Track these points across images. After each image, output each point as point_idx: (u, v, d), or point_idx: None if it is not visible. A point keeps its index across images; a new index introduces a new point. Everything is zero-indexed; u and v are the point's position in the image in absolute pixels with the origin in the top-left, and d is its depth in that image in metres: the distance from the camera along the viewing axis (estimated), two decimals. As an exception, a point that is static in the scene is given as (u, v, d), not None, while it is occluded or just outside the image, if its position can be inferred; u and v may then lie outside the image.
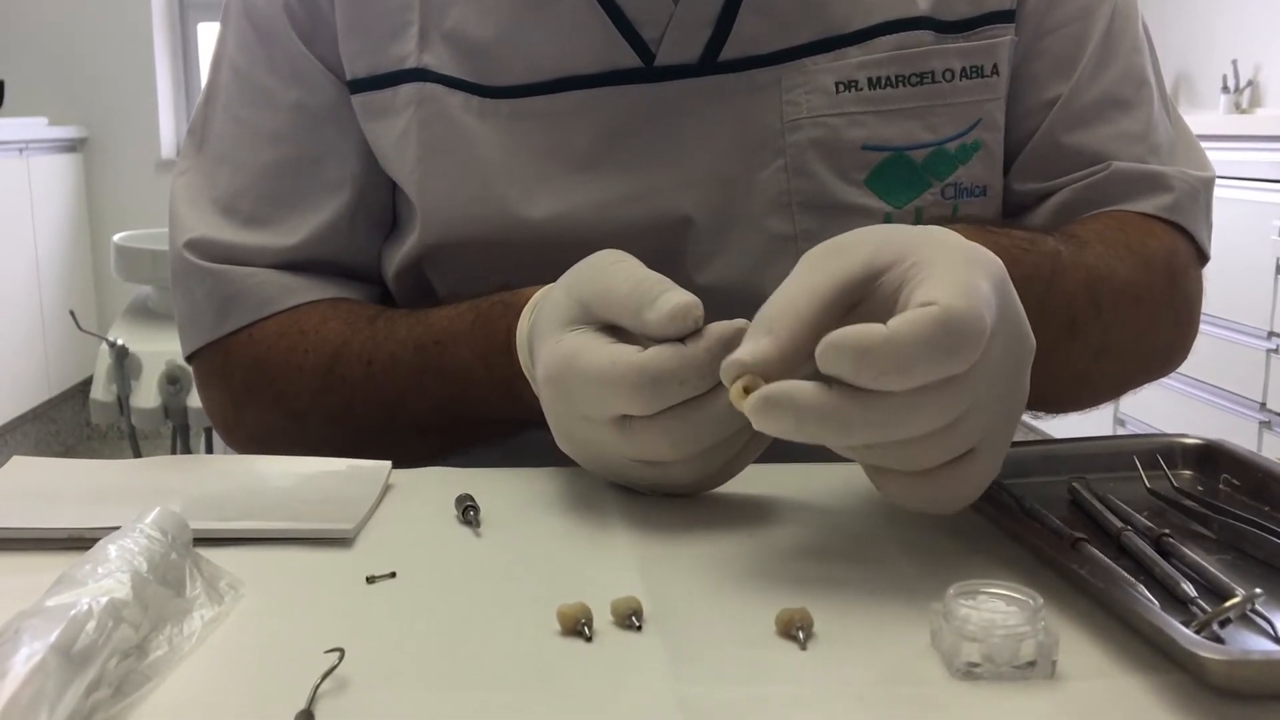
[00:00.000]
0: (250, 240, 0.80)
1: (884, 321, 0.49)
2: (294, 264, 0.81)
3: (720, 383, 0.54)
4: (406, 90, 0.78)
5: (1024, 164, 0.83)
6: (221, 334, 0.80)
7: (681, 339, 0.57)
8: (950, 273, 0.50)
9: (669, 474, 0.60)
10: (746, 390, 0.51)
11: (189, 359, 0.83)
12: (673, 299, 0.57)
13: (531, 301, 0.68)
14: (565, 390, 0.59)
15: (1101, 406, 0.86)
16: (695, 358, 0.55)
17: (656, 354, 0.56)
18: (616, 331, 0.59)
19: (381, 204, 0.83)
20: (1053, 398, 0.80)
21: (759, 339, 0.52)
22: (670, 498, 0.65)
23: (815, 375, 0.51)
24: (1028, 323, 0.55)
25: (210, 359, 0.82)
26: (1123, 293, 0.75)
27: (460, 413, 0.74)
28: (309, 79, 0.81)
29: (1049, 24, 0.81)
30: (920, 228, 0.55)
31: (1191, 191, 0.82)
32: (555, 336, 0.60)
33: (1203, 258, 0.84)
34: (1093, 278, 0.73)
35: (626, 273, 0.59)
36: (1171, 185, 0.81)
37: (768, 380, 0.51)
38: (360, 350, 0.76)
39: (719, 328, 0.56)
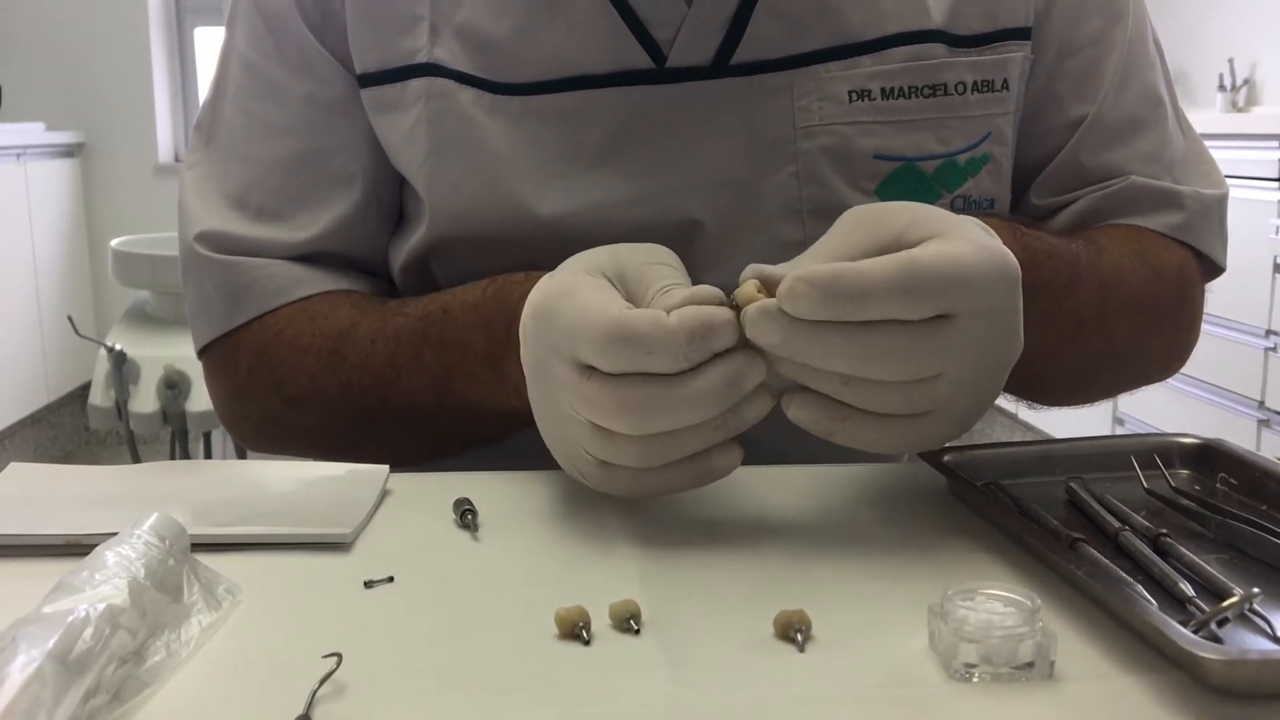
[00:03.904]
0: (261, 234, 0.80)
1: None
2: (305, 258, 0.81)
3: (688, 372, 0.55)
4: (416, 85, 0.78)
5: (1045, 180, 0.84)
6: (233, 325, 0.79)
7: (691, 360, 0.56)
8: (954, 248, 0.56)
9: (613, 449, 0.57)
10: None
11: (200, 353, 0.83)
12: (686, 300, 0.57)
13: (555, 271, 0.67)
14: (548, 321, 0.59)
15: (1098, 404, 0.88)
16: (671, 332, 0.55)
17: (638, 315, 0.56)
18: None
19: (392, 197, 0.83)
20: (1047, 392, 0.83)
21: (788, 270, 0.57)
22: (668, 507, 0.65)
23: None
24: (1021, 328, 0.59)
25: (220, 352, 0.81)
26: (1130, 303, 0.77)
27: (450, 394, 0.73)
28: (320, 71, 0.80)
29: (1070, 46, 0.82)
30: (962, 219, 0.59)
31: (1204, 210, 0.83)
32: (569, 270, 0.61)
33: (1218, 270, 0.86)
34: (1105, 287, 0.75)
35: (670, 274, 0.61)
36: (1184, 204, 0.82)
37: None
38: (367, 330, 0.76)
39: (706, 314, 0.55)
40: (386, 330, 0.75)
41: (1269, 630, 0.48)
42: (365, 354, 0.75)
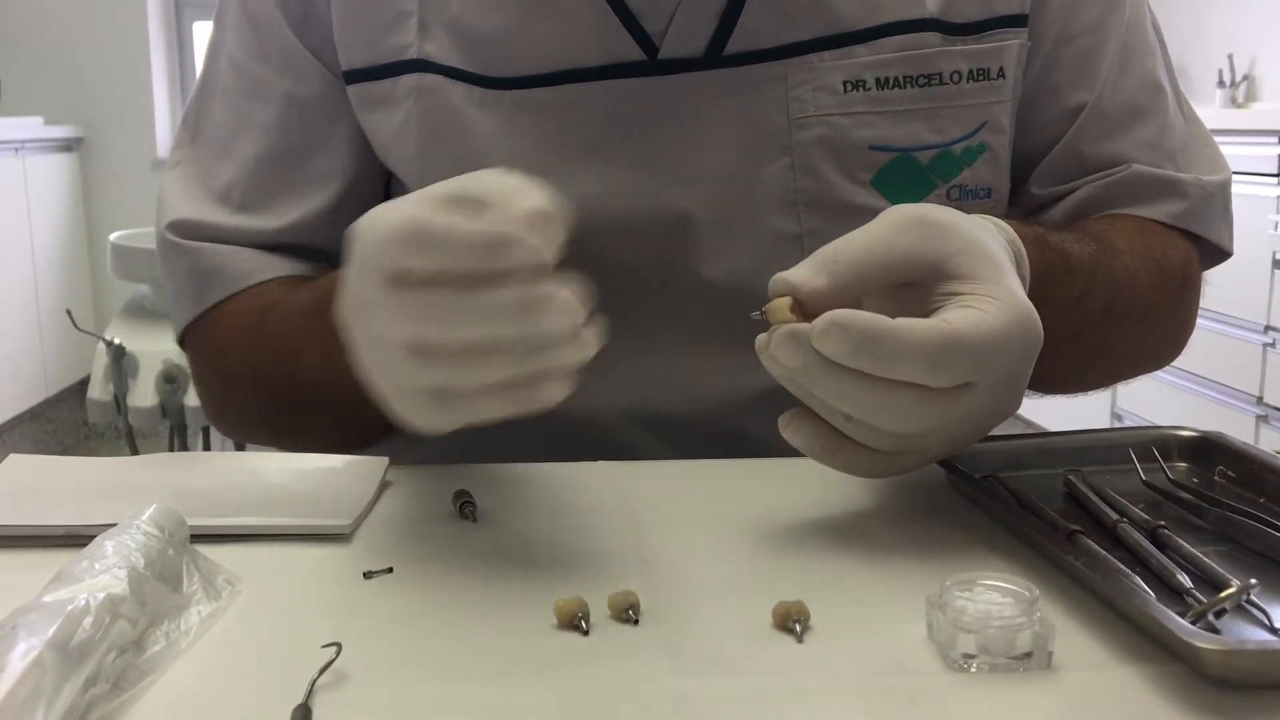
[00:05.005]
0: (233, 222, 0.80)
1: (912, 311, 0.56)
2: (275, 247, 0.81)
3: (497, 278, 0.51)
4: (406, 81, 0.78)
5: (1045, 170, 0.84)
6: (202, 309, 0.80)
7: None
8: (992, 319, 0.55)
9: (431, 366, 0.53)
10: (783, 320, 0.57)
11: (180, 342, 0.83)
12: (547, 200, 0.54)
13: None
14: (361, 241, 0.55)
15: (1096, 399, 0.88)
16: (465, 232, 0.51)
17: (438, 215, 0.52)
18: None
19: (372, 196, 0.83)
20: (1038, 384, 0.81)
21: (818, 275, 0.57)
22: (667, 499, 0.65)
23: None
24: (1023, 392, 0.59)
25: (192, 336, 0.82)
26: (1136, 306, 0.77)
27: (334, 366, 0.68)
28: (299, 70, 0.80)
29: (1067, 33, 0.82)
30: (1003, 262, 0.59)
31: (1206, 197, 0.83)
32: (391, 201, 0.57)
33: (1224, 255, 0.86)
34: (1116, 293, 0.75)
35: (519, 181, 0.56)
36: (1186, 193, 0.82)
37: (804, 310, 0.56)
38: (285, 305, 0.76)
39: (506, 229, 0.51)
40: (295, 304, 0.75)
41: (1266, 621, 0.48)
42: (279, 329, 0.75)
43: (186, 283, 0.80)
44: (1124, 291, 0.75)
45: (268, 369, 0.76)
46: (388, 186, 0.84)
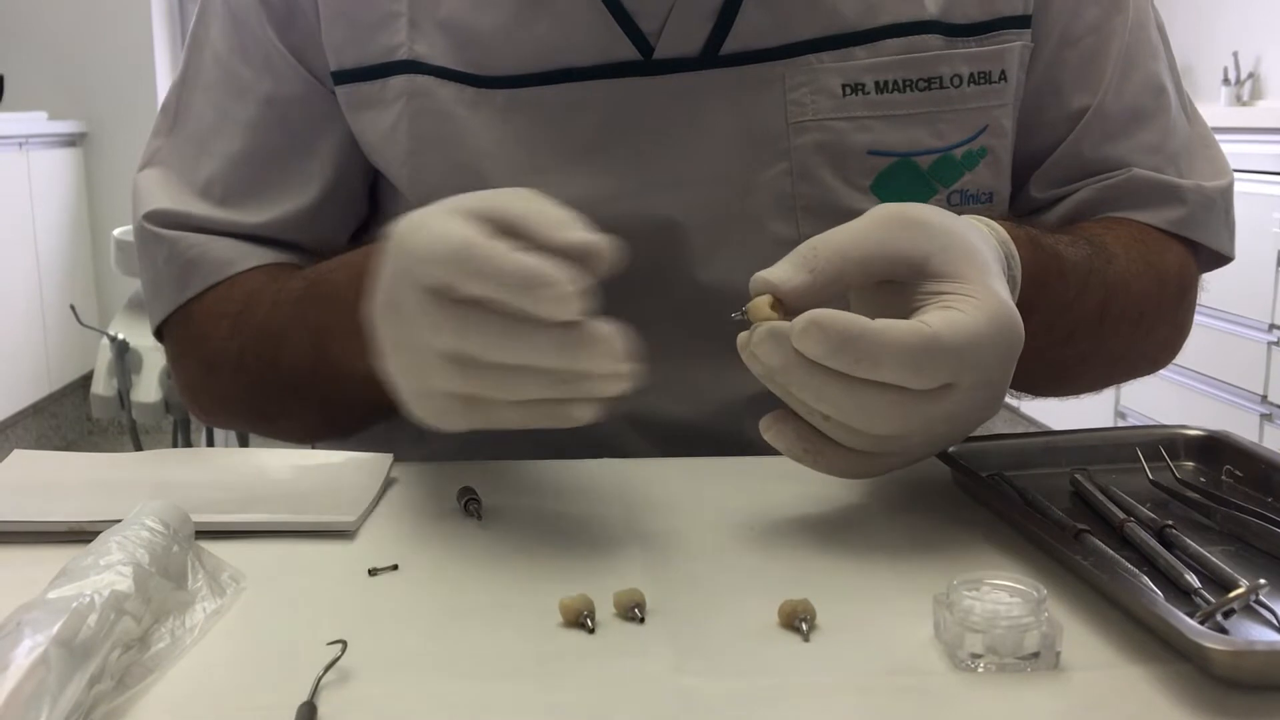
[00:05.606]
0: (213, 214, 0.80)
1: (896, 309, 0.56)
2: (255, 239, 0.81)
3: (533, 320, 0.52)
4: (396, 82, 0.77)
5: (1046, 172, 0.83)
6: (183, 300, 0.79)
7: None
8: (972, 321, 0.55)
9: (466, 376, 0.54)
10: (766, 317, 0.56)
11: (158, 333, 0.83)
12: (593, 235, 0.55)
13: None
14: (404, 248, 0.56)
15: (1098, 397, 0.88)
16: (505, 271, 0.51)
17: (486, 244, 0.52)
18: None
19: (353, 196, 0.83)
20: (1028, 385, 0.81)
21: (798, 273, 0.57)
22: (672, 497, 0.64)
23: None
24: (1004, 394, 0.60)
25: (171, 325, 0.81)
26: (1130, 311, 0.76)
27: (324, 353, 0.71)
28: (278, 70, 0.80)
29: (1070, 34, 0.81)
30: (987, 262, 0.58)
31: (1206, 203, 0.82)
32: (432, 206, 0.57)
33: (1224, 259, 0.85)
34: (1109, 296, 0.74)
35: (560, 211, 0.57)
36: (1185, 199, 0.81)
37: (786, 308, 0.56)
38: (270, 294, 0.76)
39: (547, 270, 0.51)
40: (284, 292, 0.75)
41: (1274, 621, 0.48)
42: (264, 316, 0.75)
43: (165, 272, 0.80)
44: (1118, 295, 0.75)
45: (251, 355, 0.76)
46: (374, 186, 0.84)
